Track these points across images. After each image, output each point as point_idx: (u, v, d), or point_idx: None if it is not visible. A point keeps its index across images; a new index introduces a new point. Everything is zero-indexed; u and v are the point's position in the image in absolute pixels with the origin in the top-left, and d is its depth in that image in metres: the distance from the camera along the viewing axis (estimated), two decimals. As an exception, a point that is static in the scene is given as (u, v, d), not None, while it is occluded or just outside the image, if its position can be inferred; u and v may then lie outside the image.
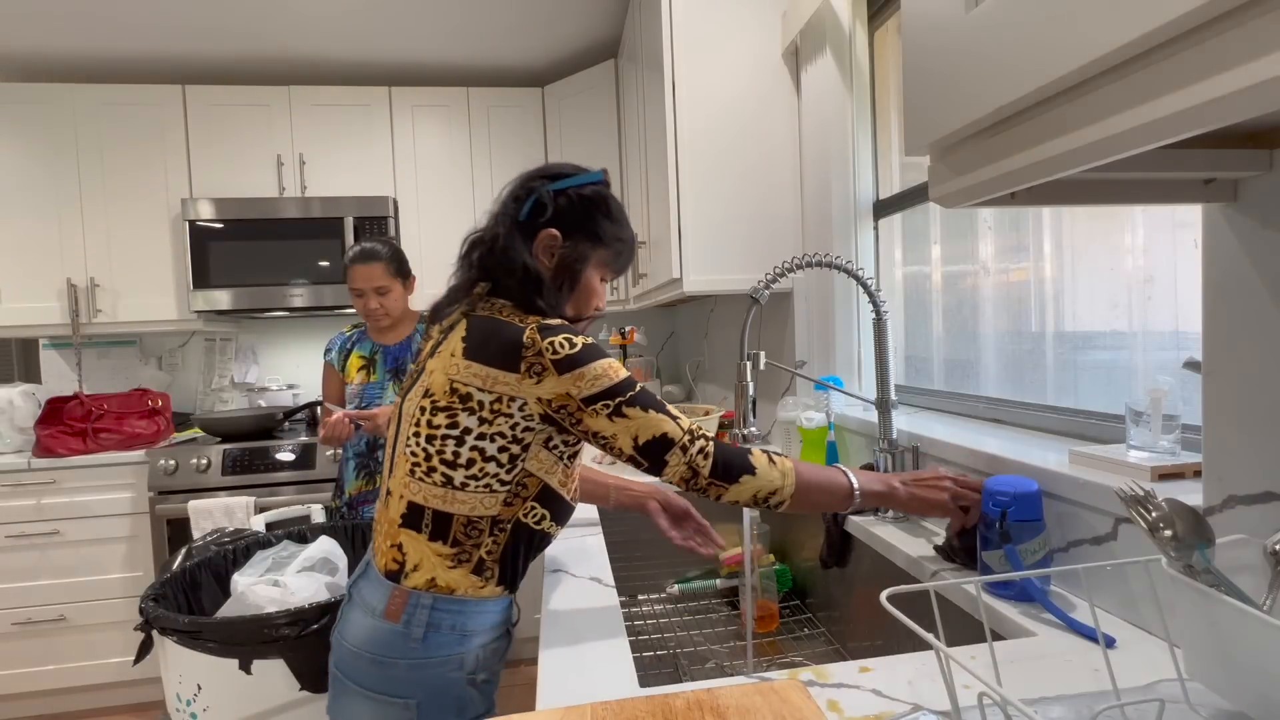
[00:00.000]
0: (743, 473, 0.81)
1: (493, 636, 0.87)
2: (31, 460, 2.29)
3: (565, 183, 0.89)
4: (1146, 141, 0.37)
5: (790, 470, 0.84)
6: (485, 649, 0.85)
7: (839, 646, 1.27)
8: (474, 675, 0.84)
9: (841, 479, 0.88)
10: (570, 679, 0.71)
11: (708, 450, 0.81)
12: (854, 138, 1.55)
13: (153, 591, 1.36)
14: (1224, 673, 0.52)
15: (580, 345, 0.81)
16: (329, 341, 1.95)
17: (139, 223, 2.57)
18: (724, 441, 0.84)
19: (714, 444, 0.82)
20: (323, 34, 2.45)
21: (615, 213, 0.92)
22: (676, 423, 0.81)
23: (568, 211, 0.89)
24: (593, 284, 0.92)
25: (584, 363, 0.80)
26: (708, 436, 0.83)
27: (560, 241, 0.88)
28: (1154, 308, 0.90)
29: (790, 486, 0.83)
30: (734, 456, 0.82)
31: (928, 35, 0.54)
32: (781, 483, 0.82)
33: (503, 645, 0.90)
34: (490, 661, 0.87)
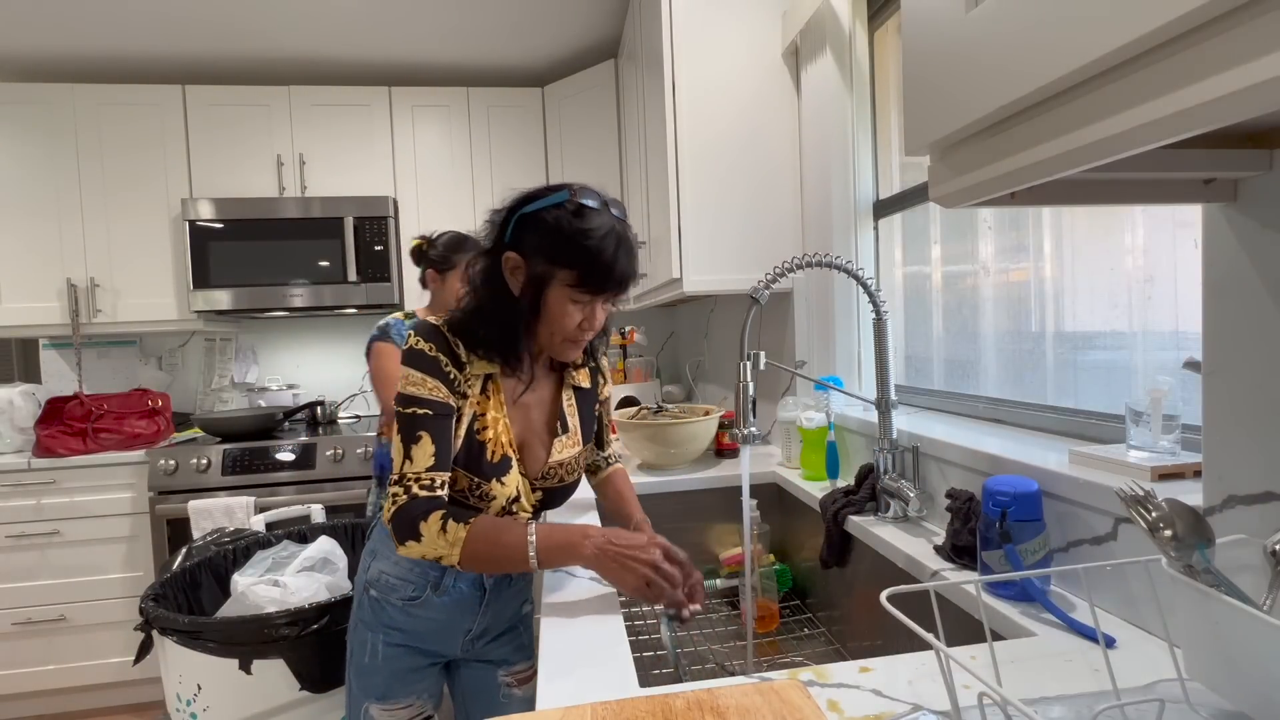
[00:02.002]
0: (409, 537, 0.88)
1: (391, 570, 1.02)
2: (31, 460, 2.29)
3: (531, 206, 0.92)
4: (1146, 141, 0.37)
5: (460, 540, 0.87)
6: (380, 574, 1.03)
7: (839, 646, 1.27)
8: (367, 585, 1.04)
9: (517, 543, 0.89)
10: (570, 679, 0.71)
11: (397, 500, 0.89)
12: (854, 138, 1.55)
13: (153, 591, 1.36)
14: (1224, 673, 0.52)
15: (409, 347, 0.93)
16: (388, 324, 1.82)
17: (139, 223, 2.57)
18: (421, 501, 0.88)
19: (409, 499, 0.88)
20: (323, 34, 2.45)
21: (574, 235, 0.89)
22: (404, 462, 0.89)
23: (530, 235, 0.92)
24: (561, 305, 0.92)
25: (405, 363, 0.93)
26: (410, 490, 0.88)
27: (524, 264, 0.92)
28: (1154, 308, 0.90)
29: (456, 555, 0.88)
30: (409, 518, 0.88)
31: (928, 35, 0.54)
32: (447, 551, 0.88)
33: (405, 588, 1.02)
34: (383, 588, 1.03)
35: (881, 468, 1.17)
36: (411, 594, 1.02)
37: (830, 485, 1.39)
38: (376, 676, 1.03)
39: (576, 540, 0.89)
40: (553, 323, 0.94)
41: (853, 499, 1.21)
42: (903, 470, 1.16)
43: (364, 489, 2.35)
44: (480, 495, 0.95)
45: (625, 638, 0.80)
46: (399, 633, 1.03)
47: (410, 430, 0.90)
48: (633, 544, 0.88)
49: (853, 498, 1.21)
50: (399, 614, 1.02)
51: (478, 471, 0.95)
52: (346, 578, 1.49)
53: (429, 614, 1.03)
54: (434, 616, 1.03)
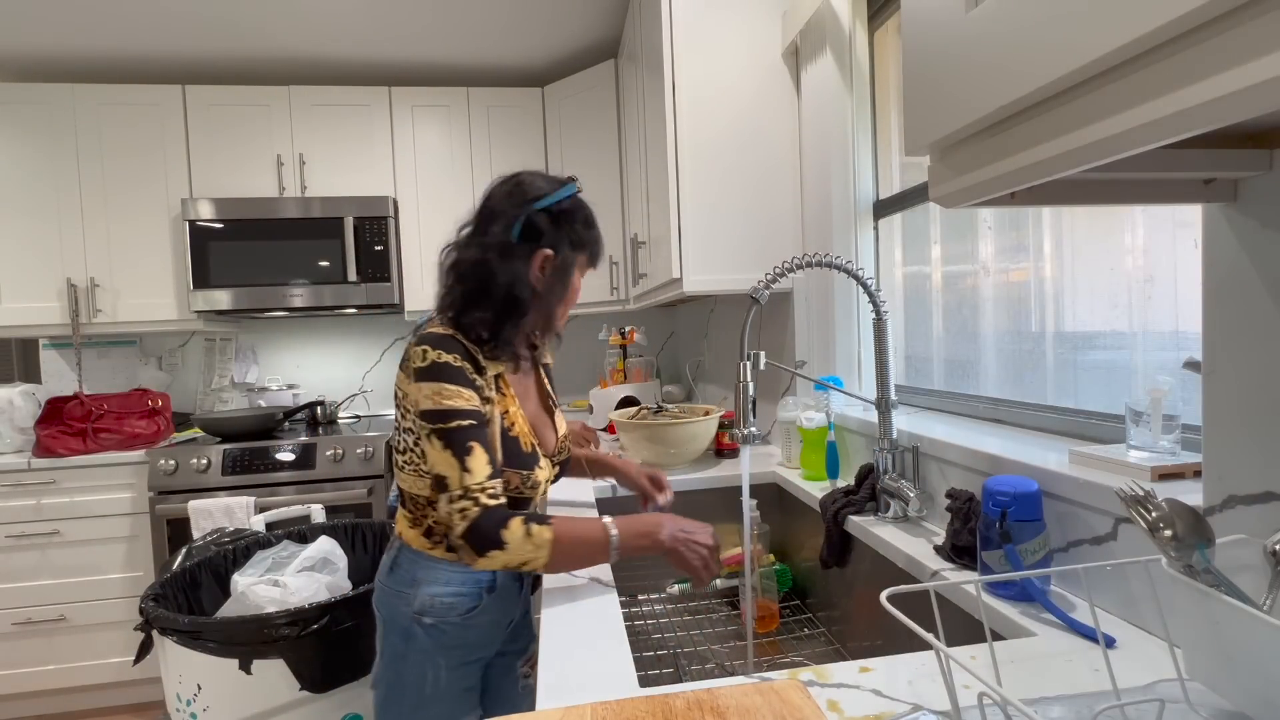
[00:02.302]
0: (491, 547, 0.86)
1: (444, 590, 0.99)
2: (31, 460, 2.29)
3: (547, 201, 0.98)
4: (1146, 141, 0.37)
5: (547, 543, 0.88)
6: (433, 598, 0.98)
7: (839, 646, 1.27)
8: (419, 615, 0.98)
9: (597, 536, 0.92)
10: (570, 679, 0.71)
11: (469, 513, 0.87)
12: (854, 138, 1.55)
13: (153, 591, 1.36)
14: (1224, 673, 0.52)
15: (431, 361, 0.91)
16: None
17: (139, 223, 2.57)
18: (495, 510, 0.88)
19: (481, 510, 0.87)
20: (323, 34, 2.45)
21: (590, 218, 1.03)
22: (462, 475, 0.88)
23: (553, 228, 0.99)
24: (578, 284, 1.06)
25: (430, 378, 0.91)
26: (481, 501, 0.87)
27: (554, 257, 0.99)
28: (1154, 308, 0.90)
29: (544, 558, 0.88)
30: (489, 529, 0.86)
31: (928, 35, 0.54)
32: (534, 554, 0.88)
33: (462, 602, 0.99)
34: (439, 611, 0.98)
35: (881, 468, 1.17)
36: (470, 606, 1.00)
37: (830, 485, 1.39)
38: (440, 705, 1.00)
39: (653, 530, 0.95)
40: (569, 302, 1.05)
41: (853, 499, 1.21)
42: (903, 470, 1.16)
43: (364, 489, 2.35)
44: (531, 486, 1.00)
45: (625, 638, 0.80)
46: (460, 650, 1.01)
47: (460, 442, 0.89)
48: (697, 530, 0.98)
49: (853, 498, 1.21)
50: (459, 630, 1.00)
51: (523, 465, 0.99)
52: (346, 578, 1.49)
53: (487, 617, 1.02)
54: (490, 619, 1.03)
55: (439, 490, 0.90)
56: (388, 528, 1.76)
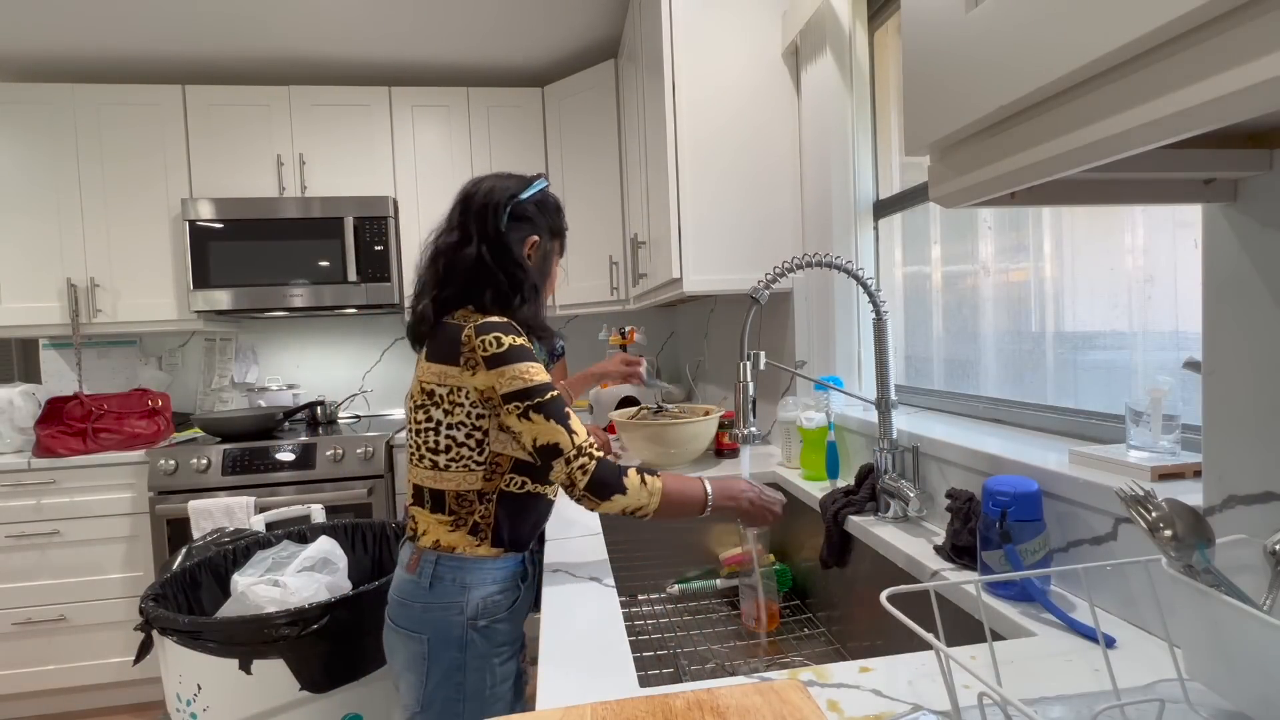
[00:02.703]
0: (614, 492, 0.96)
1: (494, 589, 1.01)
2: (31, 460, 2.29)
3: (529, 192, 1.08)
4: (1146, 141, 0.37)
5: (658, 490, 0.99)
6: (486, 599, 1.00)
7: (839, 646, 1.27)
8: (474, 620, 1.00)
9: (698, 493, 1.04)
10: (570, 679, 0.71)
11: (588, 467, 0.96)
12: (854, 138, 1.55)
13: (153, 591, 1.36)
14: (1224, 673, 0.52)
15: (508, 345, 0.97)
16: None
17: (139, 223, 2.57)
18: (608, 461, 0.97)
19: (596, 462, 0.96)
20: (323, 34, 2.45)
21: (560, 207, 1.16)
22: (571, 437, 0.96)
23: (536, 216, 1.09)
24: (555, 269, 1.16)
25: (508, 362, 0.96)
26: (593, 454, 0.97)
27: (538, 242, 1.10)
28: (1154, 308, 0.90)
29: (655, 503, 0.98)
30: (610, 477, 0.96)
31: (928, 35, 0.54)
32: (648, 500, 0.98)
33: (508, 597, 1.03)
34: (492, 610, 1.01)
35: (881, 468, 1.17)
36: (514, 598, 1.03)
37: (830, 485, 1.39)
38: (499, 703, 1.02)
39: (737, 492, 1.08)
40: (549, 286, 1.15)
41: (853, 499, 1.21)
42: (903, 470, 1.16)
43: (364, 489, 2.35)
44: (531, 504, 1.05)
45: (625, 638, 0.80)
46: (509, 645, 1.03)
47: (559, 410, 0.97)
48: (773, 501, 1.12)
49: (853, 498, 1.21)
50: (508, 625, 1.03)
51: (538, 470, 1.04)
52: (346, 577, 1.49)
53: (523, 607, 1.06)
54: (524, 608, 1.07)
55: (551, 458, 0.96)
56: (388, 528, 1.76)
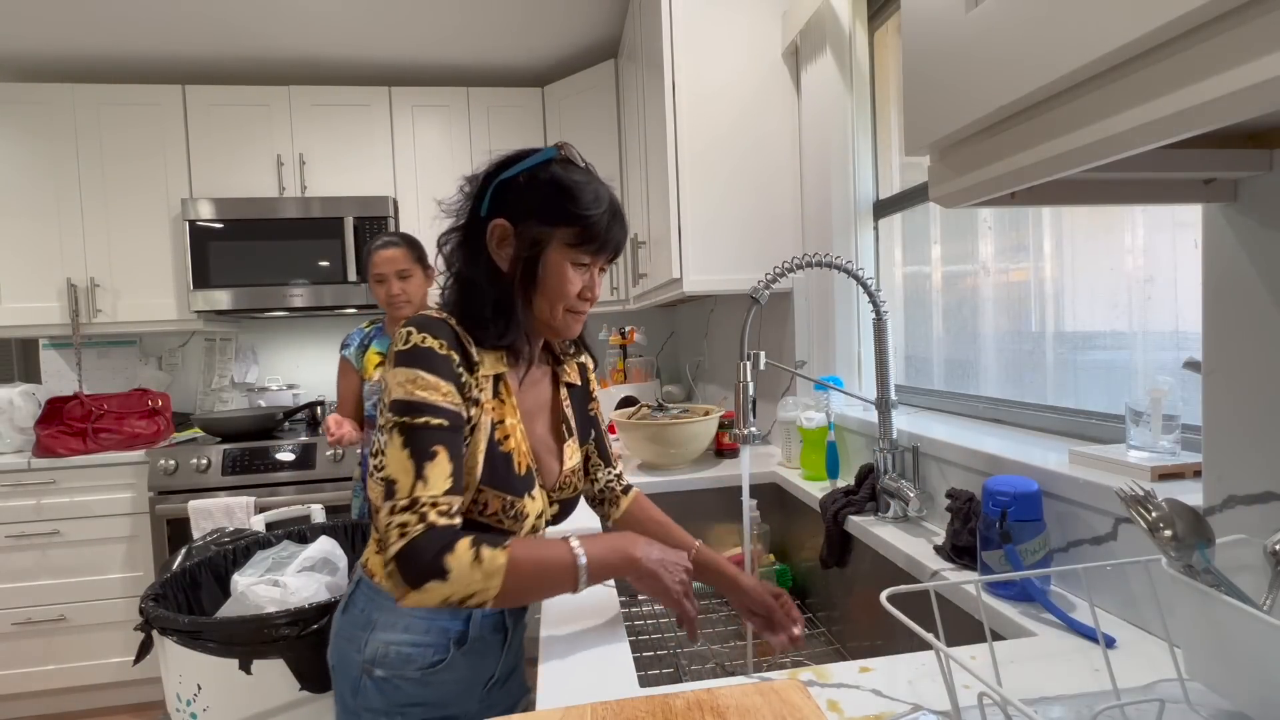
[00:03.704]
0: (430, 576, 0.69)
1: (403, 638, 0.83)
2: (31, 460, 2.29)
3: (514, 169, 0.83)
4: (1146, 141, 0.37)
5: (499, 569, 0.71)
6: (388, 646, 0.83)
7: (839, 646, 1.27)
8: (370, 665, 0.83)
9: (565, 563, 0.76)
10: (570, 679, 0.71)
11: (408, 530, 0.70)
12: (854, 138, 1.55)
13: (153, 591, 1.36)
14: (1224, 673, 0.52)
15: (413, 344, 0.77)
16: (346, 337, 1.96)
17: (139, 223, 2.57)
18: (443, 530, 0.71)
19: (423, 530, 0.70)
20: (323, 34, 2.45)
21: (570, 187, 0.82)
22: (416, 483, 0.72)
23: (516, 199, 0.83)
24: (561, 270, 0.83)
25: (406, 363, 0.77)
26: (426, 518, 0.70)
27: (511, 231, 0.83)
28: (1154, 308, 0.90)
29: (494, 588, 0.72)
30: (429, 554, 0.69)
31: (928, 35, 0.54)
32: (482, 585, 0.71)
33: (422, 654, 0.83)
34: (394, 663, 0.83)
35: (881, 468, 1.17)
36: (434, 659, 0.84)
37: (830, 485, 1.39)
38: None
39: (627, 550, 0.81)
40: (553, 292, 0.84)
41: (853, 499, 1.21)
42: (903, 470, 1.16)
43: (364, 489, 2.36)
44: (515, 515, 0.83)
45: (625, 638, 0.80)
46: (418, 708, 0.85)
47: (423, 444, 0.74)
48: (670, 553, 0.85)
49: (853, 498, 1.21)
50: (417, 688, 0.84)
51: (509, 488, 0.82)
52: (346, 577, 1.49)
53: (453, 675, 0.86)
54: (459, 676, 0.87)
55: (383, 498, 0.73)
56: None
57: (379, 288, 1.82)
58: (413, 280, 1.82)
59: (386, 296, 1.81)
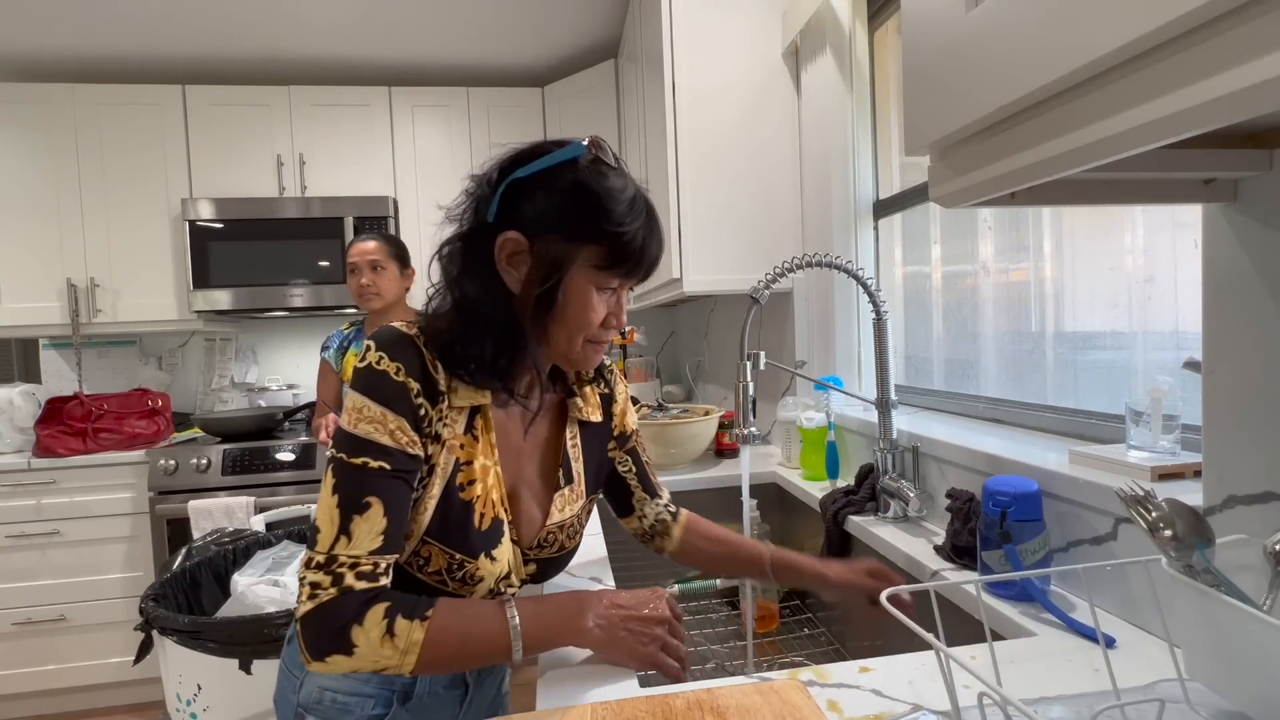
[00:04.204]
0: (332, 650, 0.61)
1: (337, 687, 0.74)
2: (31, 460, 2.29)
3: (531, 168, 0.69)
4: (1146, 141, 0.37)
5: (415, 645, 0.62)
6: (323, 692, 0.74)
7: (839, 646, 1.27)
8: (303, 711, 0.75)
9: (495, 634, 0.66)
10: (570, 679, 0.71)
11: (317, 595, 0.61)
12: (854, 138, 1.55)
13: (153, 591, 1.36)
14: (1224, 673, 0.52)
15: (368, 364, 0.66)
16: (326, 339, 1.97)
17: (139, 223, 2.57)
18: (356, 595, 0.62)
19: (336, 595, 0.61)
20: (323, 34, 2.45)
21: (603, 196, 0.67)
22: (340, 535, 0.62)
23: (534, 206, 0.68)
24: (584, 295, 0.69)
25: (356, 385, 0.67)
26: (342, 581, 0.61)
27: (526, 247, 0.68)
28: (1154, 308, 0.90)
29: (410, 664, 0.63)
30: (335, 625, 0.61)
31: (928, 35, 0.54)
32: (394, 661, 0.62)
33: (359, 706, 0.74)
34: (328, 712, 0.74)
35: (881, 468, 1.17)
36: (373, 713, 0.74)
37: (830, 485, 1.39)
38: None
39: (572, 613, 0.70)
40: (573, 322, 0.70)
41: (853, 499, 1.21)
42: (903, 470, 1.16)
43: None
44: (463, 578, 0.71)
45: (625, 638, 0.80)
46: None
47: (355, 491, 0.63)
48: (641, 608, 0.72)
49: (853, 498, 1.21)
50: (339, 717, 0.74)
51: (462, 545, 0.70)
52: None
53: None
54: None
55: (308, 546, 0.64)
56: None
57: (351, 279, 1.83)
58: (385, 273, 1.82)
59: (357, 287, 1.82)
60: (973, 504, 0.93)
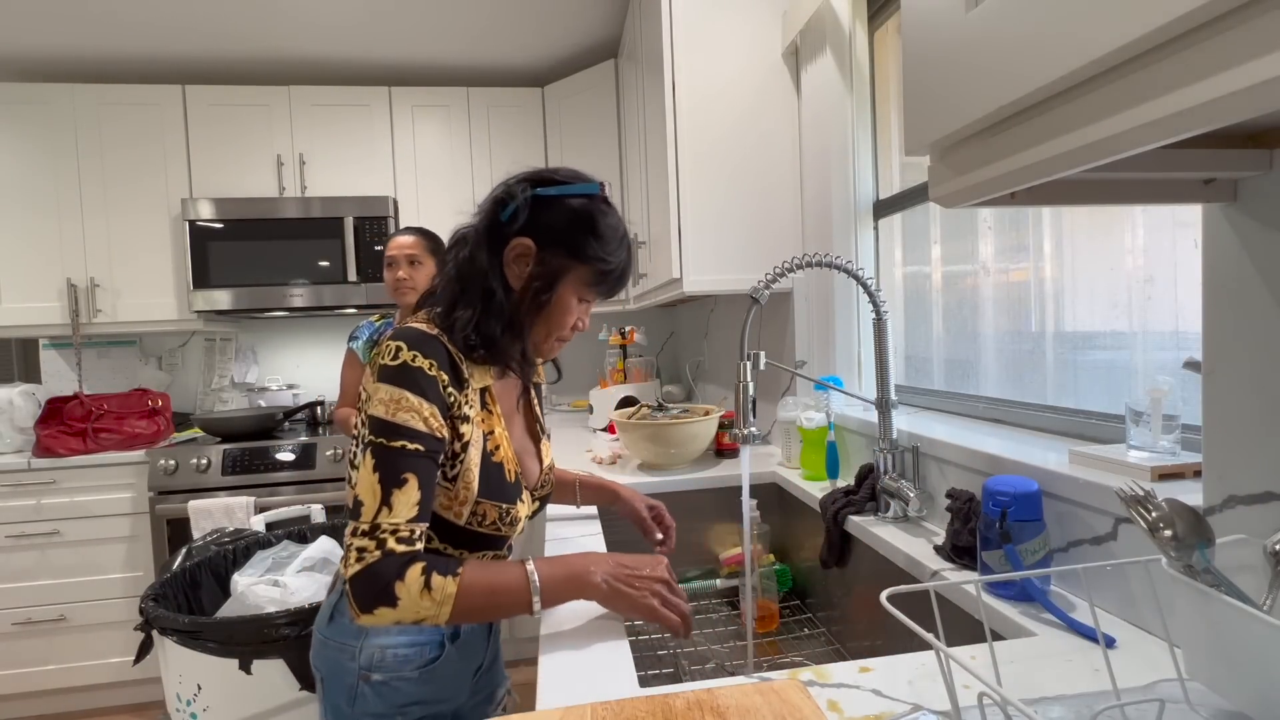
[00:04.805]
0: (379, 603, 0.71)
1: (399, 640, 0.84)
2: (31, 460, 2.29)
3: (553, 190, 0.83)
4: (1146, 141, 0.37)
5: (449, 598, 0.73)
6: (384, 650, 0.84)
7: (839, 646, 1.27)
8: (368, 672, 0.84)
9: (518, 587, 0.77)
10: (570, 679, 0.71)
11: (366, 556, 0.71)
12: (854, 138, 1.55)
13: (153, 591, 1.36)
14: (1224, 673, 0.52)
15: (402, 362, 0.76)
16: (355, 329, 1.96)
17: (139, 223, 2.57)
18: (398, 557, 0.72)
19: (380, 557, 0.71)
20: (323, 34, 2.46)
21: (604, 231, 0.84)
22: (382, 506, 0.73)
23: (548, 222, 0.83)
24: (568, 303, 0.86)
25: (391, 381, 0.76)
26: (385, 545, 0.72)
27: (534, 253, 0.83)
28: (1154, 308, 0.90)
29: (445, 614, 0.73)
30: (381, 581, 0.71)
31: (928, 35, 0.54)
32: (433, 612, 0.73)
33: (419, 654, 0.85)
34: (392, 665, 0.84)
35: (881, 468, 1.17)
36: (431, 657, 0.86)
37: (830, 485, 1.39)
38: None
39: (580, 571, 0.81)
40: (553, 322, 0.86)
41: (853, 499, 1.21)
42: (903, 470, 1.16)
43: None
44: (510, 521, 0.86)
45: (625, 638, 0.80)
46: (418, 706, 0.86)
47: (394, 470, 0.74)
48: (641, 566, 0.83)
49: (853, 498, 1.21)
50: (415, 686, 0.86)
51: (505, 497, 0.85)
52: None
53: (448, 670, 0.89)
54: (453, 669, 0.90)
55: (351, 517, 0.74)
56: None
57: (387, 272, 1.84)
58: (422, 268, 1.82)
59: (393, 281, 1.82)
60: (973, 504, 0.93)
